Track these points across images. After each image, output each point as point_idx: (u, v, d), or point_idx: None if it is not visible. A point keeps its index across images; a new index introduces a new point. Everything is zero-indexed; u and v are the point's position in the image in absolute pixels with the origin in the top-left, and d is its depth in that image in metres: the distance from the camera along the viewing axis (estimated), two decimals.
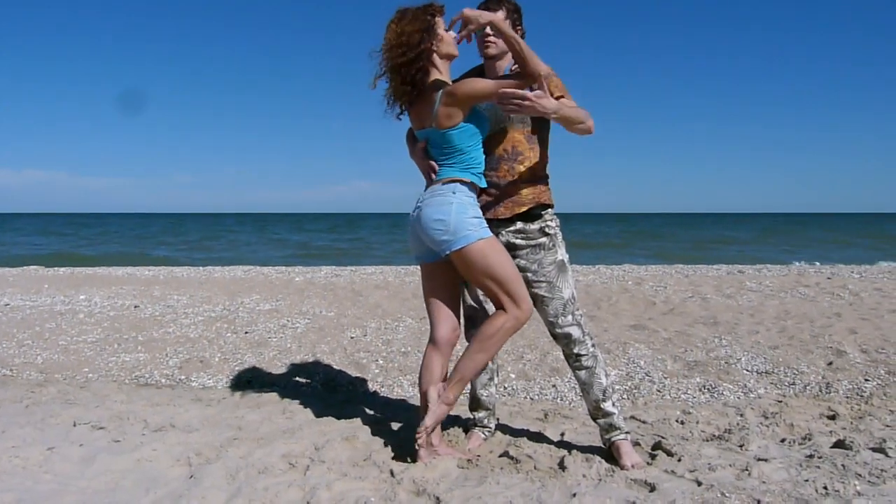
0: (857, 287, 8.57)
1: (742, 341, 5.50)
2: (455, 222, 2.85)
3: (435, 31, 2.92)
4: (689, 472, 2.85)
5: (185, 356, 5.41)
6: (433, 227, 2.88)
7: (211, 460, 3.08)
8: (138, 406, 4.02)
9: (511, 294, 2.90)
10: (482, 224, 2.92)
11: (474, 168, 2.98)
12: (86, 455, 3.15)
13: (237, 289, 9.42)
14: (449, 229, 2.85)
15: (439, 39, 2.94)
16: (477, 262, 2.86)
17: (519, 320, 2.92)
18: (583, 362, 3.08)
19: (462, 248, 2.85)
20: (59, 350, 5.67)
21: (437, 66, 2.97)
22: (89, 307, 7.84)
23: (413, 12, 2.92)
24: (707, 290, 8.60)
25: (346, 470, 2.96)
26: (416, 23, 2.89)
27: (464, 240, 2.85)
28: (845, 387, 4.29)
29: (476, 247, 2.85)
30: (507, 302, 2.90)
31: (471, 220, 2.88)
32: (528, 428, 3.63)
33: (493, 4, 2.98)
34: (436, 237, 2.89)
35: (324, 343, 5.76)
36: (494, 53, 3.04)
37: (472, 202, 2.94)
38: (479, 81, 2.89)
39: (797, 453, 3.13)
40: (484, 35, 3.00)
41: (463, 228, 2.85)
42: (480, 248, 2.86)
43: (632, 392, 4.39)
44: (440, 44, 2.94)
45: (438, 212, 2.88)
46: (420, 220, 2.93)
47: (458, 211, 2.87)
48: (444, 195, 2.91)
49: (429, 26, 2.90)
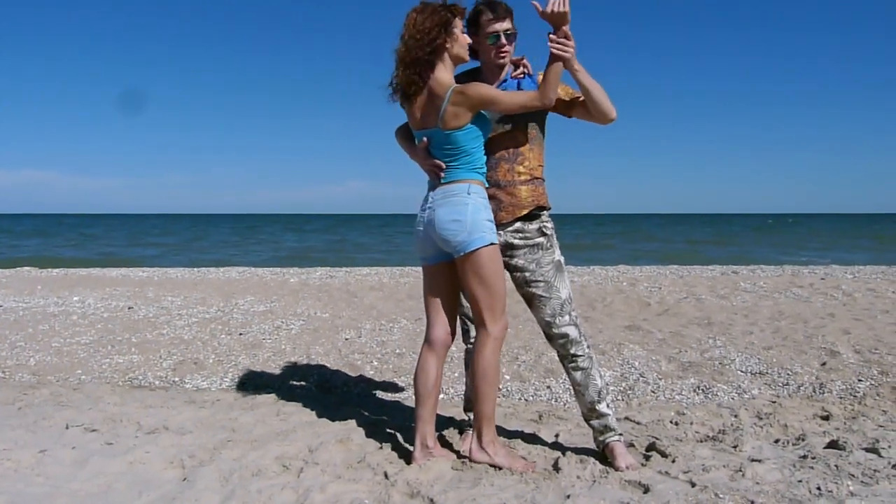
0: (850, 287, 8.59)
1: (736, 342, 5.51)
2: (472, 223, 2.86)
3: (451, 29, 2.92)
4: (683, 474, 2.85)
5: (178, 358, 5.40)
6: (449, 227, 2.88)
7: (204, 462, 3.07)
8: (131, 408, 4.00)
9: (494, 308, 2.93)
10: (494, 228, 2.93)
11: (480, 168, 2.99)
12: (78, 458, 3.14)
13: (232, 290, 9.41)
14: (465, 230, 2.86)
15: (454, 39, 2.93)
16: (481, 267, 2.88)
17: (498, 339, 2.97)
18: (579, 363, 3.08)
19: (475, 251, 2.86)
20: (52, 352, 5.65)
21: (446, 64, 2.97)
22: (83, 308, 7.82)
23: (434, 7, 2.92)
24: (701, 290, 8.62)
25: (340, 472, 2.95)
26: (436, 17, 2.89)
27: (479, 241, 2.86)
28: (839, 387, 4.30)
29: (486, 251, 2.87)
30: (488, 316, 2.93)
31: (485, 223, 2.89)
32: (523, 429, 3.63)
33: (500, 10, 2.99)
34: (451, 238, 2.89)
35: (318, 344, 5.75)
36: (506, 62, 3.06)
37: (486, 204, 2.95)
38: (491, 88, 2.91)
39: (791, 454, 3.13)
40: (501, 45, 3.00)
41: (478, 230, 2.86)
42: (489, 252, 2.88)
43: (626, 393, 4.40)
44: (454, 43, 2.94)
45: (455, 212, 2.88)
46: (434, 221, 2.93)
47: (473, 212, 2.88)
48: (459, 196, 2.90)
49: (447, 23, 2.90)
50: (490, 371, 2.95)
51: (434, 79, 2.91)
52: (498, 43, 2.99)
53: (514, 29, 3.01)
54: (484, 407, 2.99)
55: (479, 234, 2.86)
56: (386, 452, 3.21)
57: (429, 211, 2.97)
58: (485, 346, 2.96)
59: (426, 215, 2.98)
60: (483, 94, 2.85)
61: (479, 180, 2.97)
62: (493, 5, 3.00)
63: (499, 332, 2.97)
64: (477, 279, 2.89)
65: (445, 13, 2.91)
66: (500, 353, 3.01)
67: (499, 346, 2.99)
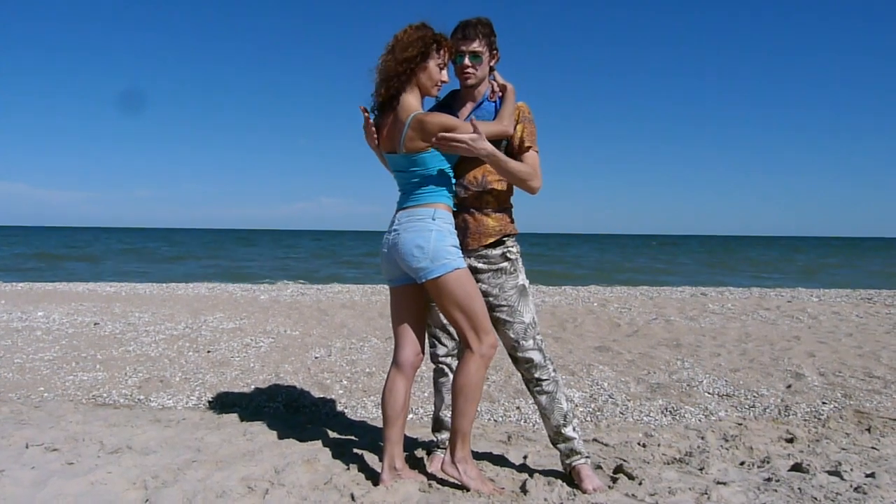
0: (815, 310, 8.75)
1: (704, 364, 5.57)
2: (434, 249, 2.83)
3: (428, 60, 2.92)
4: (649, 496, 2.86)
5: (144, 375, 5.31)
6: (412, 253, 2.86)
7: (168, 483, 3.01)
8: (95, 427, 3.92)
9: (476, 328, 2.90)
10: (459, 254, 2.91)
11: (446, 193, 2.97)
12: (37, 478, 3.06)
13: (200, 306, 9.30)
14: (427, 256, 2.83)
15: (426, 69, 2.93)
16: (451, 292, 2.85)
17: (485, 357, 2.92)
18: (543, 387, 3.08)
19: (439, 277, 2.84)
20: (13, 368, 5.52)
21: (415, 91, 2.97)
22: (47, 324, 7.67)
23: (423, 33, 2.92)
24: (671, 311, 8.71)
25: (305, 494, 2.92)
26: (419, 44, 2.89)
27: (442, 268, 2.83)
28: (803, 409, 4.37)
29: (452, 276, 2.84)
30: (472, 336, 2.90)
31: (449, 249, 2.87)
32: (491, 450, 3.62)
33: (470, 31, 2.99)
34: (413, 264, 2.87)
35: (287, 363, 5.70)
36: (473, 83, 3.07)
37: (451, 230, 2.93)
38: (451, 120, 2.88)
39: (756, 476, 3.17)
40: (464, 66, 3.01)
41: (441, 256, 2.84)
42: (457, 277, 2.85)
43: (595, 414, 4.41)
44: (425, 74, 2.94)
45: (419, 238, 2.85)
46: (398, 245, 2.91)
47: (437, 238, 2.85)
48: (423, 221, 2.89)
49: (427, 52, 2.91)
50: (471, 388, 2.92)
51: (401, 101, 2.93)
52: (462, 63, 3.01)
53: (483, 51, 3.00)
54: (461, 422, 2.96)
55: (442, 260, 2.83)
56: (353, 473, 3.18)
57: (394, 234, 2.95)
58: (469, 363, 2.91)
59: (391, 238, 2.97)
60: (443, 125, 2.84)
61: (445, 204, 2.96)
62: (465, 26, 3.00)
63: (485, 350, 2.92)
64: (451, 303, 2.87)
65: (431, 42, 2.91)
66: (485, 371, 2.96)
67: (485, 363, 2.93)
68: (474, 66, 3.00)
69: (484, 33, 3.00)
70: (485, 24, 3.02)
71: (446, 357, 3.30)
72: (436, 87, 2.99)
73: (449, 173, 2.98)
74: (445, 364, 3.31)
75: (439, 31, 2.96)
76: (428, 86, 2.97)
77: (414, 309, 3.08)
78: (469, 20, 3.02)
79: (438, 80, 2.97)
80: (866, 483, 2.97)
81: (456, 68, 3.04)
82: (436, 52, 2.93)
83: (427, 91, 2.99)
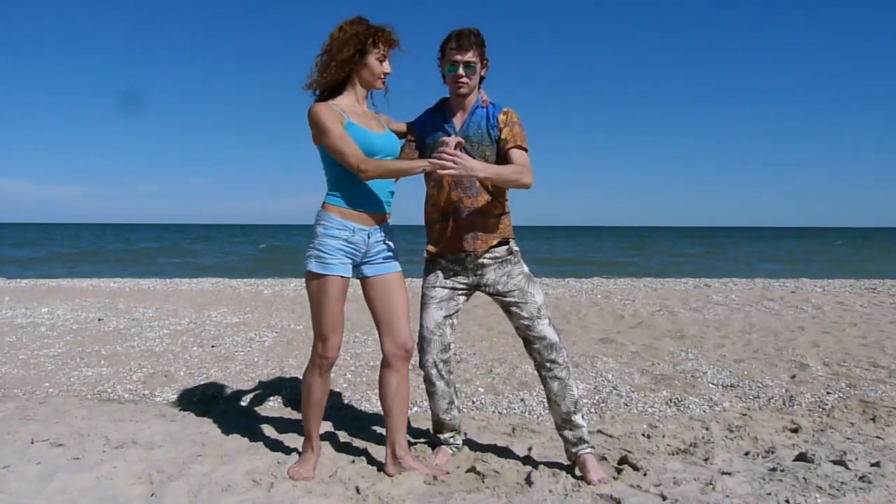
0: (819, 301, 8.73)
1: (708, 355, 5.57)
2: (308, 247, 2.97)
3: (366, 56, 2.92)
4: (654, 487, 2.87)
5: (149, 370, 5.32)
6: None
7: (173, 477, 3.03)
8: (99, 422, 3.94)
9: (316, 331, 3.01)
10: (324, 258, 2.92)
11: (336, 192, 2.96)
12: (43, 473, 3.08)
13: (204, 301, 9.31)
14: (306, 252, 2.98)
15: (366, 66, 2.94)
16: (308, 290, 2.99)
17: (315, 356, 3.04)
18: (556, 372, 3.08)
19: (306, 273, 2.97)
20: (18, 364, 5.54)
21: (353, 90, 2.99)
22: (52, 320, 7.68)
23: (357, 29, 2.89)
24: (674, 303, 8.70)
25: (310, 487, 2.93)
26: (355, 41, 2.88)
27: (306, 265, 2.96)
28: (808, 400, 4.36)
29: (307, 276, 2.97)
30: (314, 336, 3.03)
31: (313, 252, 2.94)
32: (496, 443, 3.63)
33: (464, 41, 3.00)
34: None
35: (291, 357, 5.71)
36: (466, 93, 3.10)
37: (330, 232, 2.92)
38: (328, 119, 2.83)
39: (760, 466, 3.17)
40: (458, 76, 3.03)
41: (307, 255, 2.96)
42: (308, 278, 2.97)
43: (599, 406, 4.41)
44: (367, 70, 2.95)
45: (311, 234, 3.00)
46: None
47: (313, 237, 2.96)
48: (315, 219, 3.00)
49: (364, 49, 2.90)
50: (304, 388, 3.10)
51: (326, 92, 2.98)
52: (455, 73, 3.03)
53: (476, 61, 3.03)
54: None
55: (306, 258, 2.96)
56: (358, 466, 3.19)
57: None
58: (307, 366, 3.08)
59: None
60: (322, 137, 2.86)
61: (333, 204, 2.96)
62: (460, 35, 3.02)
63: (313, 352, 3.04)
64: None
65: (366, 38, 2.89)
66: (315, 372, 3.05)
67: (313, 364, 3.04)
68: (468, 76, 3.04)
69: (476, 43, 3.05)
70: (476, 35, 3.07)
71: (432, 367, 3.28)
72: (380, 80, 3.00)
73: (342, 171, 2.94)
74: (433, 371, 3.29)
75: (375, 24, 2.94)
76: (371, 80, 2.99)
77: (373, 302, 3.15)
78: (462, 30, 3.05)
79: (381, 72, 2.98)
80: (871, 472, 2.97)
81: (449, 78, 3.08)
82: (373, 47, 2.92)
83: (371, 85, 3.02)
